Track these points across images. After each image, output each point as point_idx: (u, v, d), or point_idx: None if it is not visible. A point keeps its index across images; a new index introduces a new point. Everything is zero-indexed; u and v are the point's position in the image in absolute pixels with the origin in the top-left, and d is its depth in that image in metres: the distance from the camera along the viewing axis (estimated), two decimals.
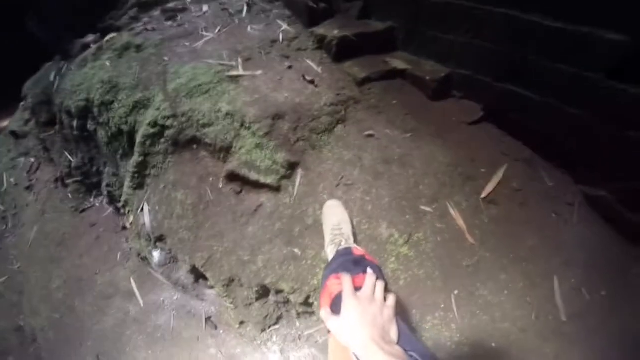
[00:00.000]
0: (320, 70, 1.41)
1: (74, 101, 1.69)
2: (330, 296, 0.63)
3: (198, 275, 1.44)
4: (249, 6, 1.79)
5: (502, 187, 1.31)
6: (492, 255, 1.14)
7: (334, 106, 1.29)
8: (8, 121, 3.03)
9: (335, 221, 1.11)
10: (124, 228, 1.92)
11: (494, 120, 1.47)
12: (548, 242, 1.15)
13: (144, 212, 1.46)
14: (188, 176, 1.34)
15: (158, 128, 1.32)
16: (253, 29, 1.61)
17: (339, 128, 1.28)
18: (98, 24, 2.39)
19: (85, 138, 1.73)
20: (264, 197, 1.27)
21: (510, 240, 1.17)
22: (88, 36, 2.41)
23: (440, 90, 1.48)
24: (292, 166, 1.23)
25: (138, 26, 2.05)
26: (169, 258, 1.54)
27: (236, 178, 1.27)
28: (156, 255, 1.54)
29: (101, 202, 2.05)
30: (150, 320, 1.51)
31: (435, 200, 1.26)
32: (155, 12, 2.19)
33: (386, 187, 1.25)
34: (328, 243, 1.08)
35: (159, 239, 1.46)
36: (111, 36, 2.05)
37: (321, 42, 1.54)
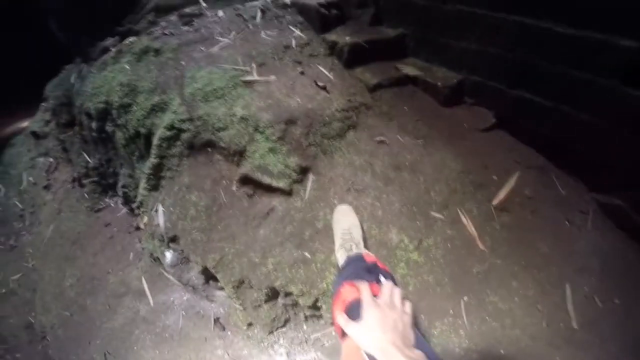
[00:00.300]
0: (331, 76, 1.43)
1: (94, 103, 1.76)
2: (344, 303, 0.63)
3: (209, 276, 1.46)
4: (263, 12, 1.83)
5: (514, 195, 1.30)
6: (503, 262, 1.14)
7: (345, 112, 1.31)
8: (28, 121, 3.15)
9: (345, 226, 1.12)
10: (138, 228, 1.97)
11: (507, 127, 1.47)
12: (561, 250, 1.14)
13: (158, 213, 1.49)
14: (202, 179, 1.37)
15: (174, 131, 1.36)
16: (266, 35, 1.64)
17: (350, 134, 1.30)
18: (117, 28, 2.47)
19: (103, 139, 1.78)
20: (276, 201, 1.29)
21: (521, 247, 1.16)
22: (107, 39, 2.50)
23: (452, 96, 1.48)
24: (304, 171, 1.25)
25: (156, 30, 2.11)
26: (181, 259, 1.57)
27: (249, 181, 1.29)
28: (168, 255, 1.57)
29: (116, 203, 2.11)
30: (159, 320, 1.53)
31: (446, 206, 1.26)
32: (172, 17, 2.25)
33: (397, 193, 1.26)
34: (338, 247, 1.10)
35: (172, 240, 1.49)
36: (130, 40, 2.12)
37: (333, 48, 1.57)
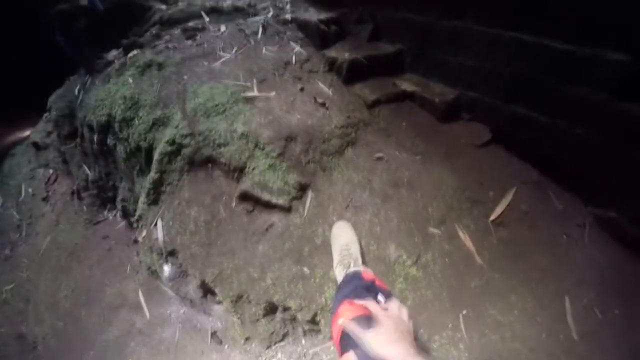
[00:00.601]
0: (331, 92, 1.45)
1: (96, 116, 1.77)
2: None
3: (207, 290, 1.46)
4: (264, 28, 1.87)
5: (511, 210, 1.31)
6: (502, 276, 1.14)
7: (344, 128, 1.33)
8: (30, 131, 3.17)
9: (343, 242, 1.13)
10: (136, 242, 1.96)
11: (503, 142, 1.48)
12: (558, 263, 1.15)
13: (158, 227, 1.50)
14: (202, 194, 1.38)
15: (176, 146, 1.38)
16: (267, 50, 1.67)
17: (349, 150, 1.31)
18: (122, 40, 2.51)
19: (104, 153, 1.80)
20: (275, 217, 1.30)
21: (519, 261, 1.17)
22: (112, 51, 2.54)
23: (448, 112, 1.51)
24: (303, 187, 1.26)
25: (160, 44, 2.14)
26: (179, 272, 1.56)
27: (249, 198, 1.30)
28: (166, 269, 1.57)
29: (115, 216, 2.11)
30: (155, 332, 1.53)
31: (443, 222, 1.27)
32: (176, 31, 2.29)
33: (395, 210, 1.27)
34: (336, 263, 1.10)
35: (171, 254, 1.49)
36: (134, 53, 2.16)
37: (332, 65, 1.60)
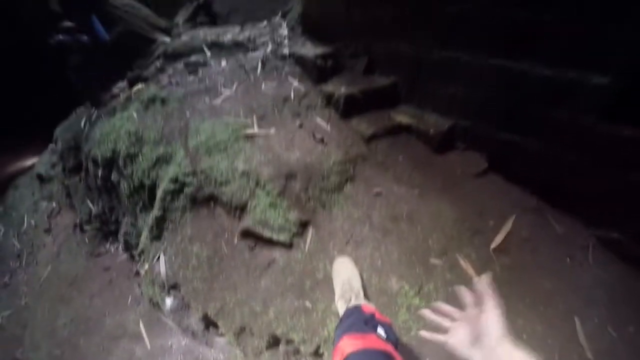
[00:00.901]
0: (329, 127, 1.49)
1: (101, 150, 1.82)
2: (342, 355, 0.65)
3: (209, 322, 1.45)
4: (263, 63, 1.95)
5: (512, 237, 1.31)
6: (507, 301, 1.11)
7: (343, 165, 1.36)
8: (34, 160, 3.23)
9: (345, 277, 1.13)
10: (137, 274, 1.96)
11: (499, 170, 1.50)
12: (565, 285, 1.14)
13: (160, 262, 1.50)
14: (204, 231, 1.40)
15: (178, 184, 1.41)
16: (267, 86, 1.74)
17: (348, 186, 1.34)
18: (128, 72, 2.60)
19: (108, 188, 1.83)
20: (277, 253, 1.31)
21: (524, 286, 1.16)
22: (117, 84, 2.63)
23: (444, 143, 1.53)
24: (304, 224, 1.28)
25: (163, 78, 2.23)
26: (181, 305, 1.56)
27: (250, 235, 1.32)
28: (168, 301, 1.56)
29: (117, 249, 2.11)
30: None
31: (444, 253, 1.27)
32: (179, 65, 2.38)
33: (395, 243, 1.28)
34: (338, 298, 1.10)
35: (173, 287, 1.49)
36: (139, 87, 2.24)
37: (329, 99, 1.65)
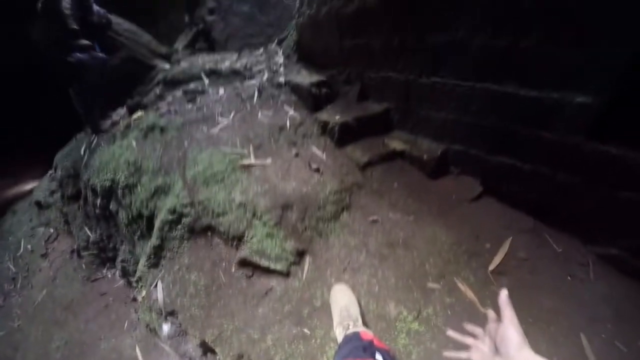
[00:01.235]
0: (324, 156, 1.53)
1: (100, 180, 1.84)
2: None
3: (206, 349, 1.43)
4: (259, 91, 2.01)
5: (510, 259, 1.32)
6: None
7: (338, 194, 1.39)
8: (33, 184, 3.25)
9: (342, 304, 1.13)
10: (134, 299, 1.94)
11: (493, 193, 1.52)
12: (567, 303, 1.14)
13: (158, 289, 1.50)
14: (202, 260, 1.40)
15: (176, 215, 1.43)
16: (263, 115, 1.79)
17: (344, 215, 1.36)
18: (128, 99, 2.67)
19: (106, 216, 1.84)
20: (274, 281, 1.31)
21: (526, 305, 1.15)
22: (117, 110, 2.69)
23: (437, 168, 1.56)
24: (301, 253, 1.29)
25: (162, 106, 2.29)
26: (179, 331, 1.54)
27: (247, 264, 1.33)
28: (166, 327, 1.55)
29: (113, 274, 2.11)
30: None
31: (442, 277, 1.28)
32: (177, 92, 2.45)
33: (392, 269, 1.29)
34: (336, 325, 1.10)
35: (170, 314, 1.48)
36: (138, 115, 2.29)
37: (324, 128, 1.70)
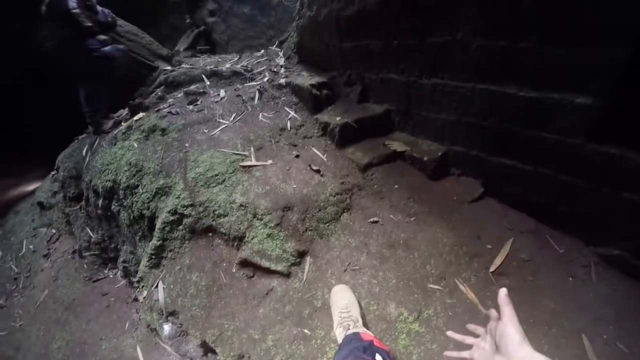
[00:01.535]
0: (325, 157, 1.53)
1: (102, 181, 1.85)
2: None
3: (207, 349, 1.44)
4: (260, 93, 2.02)
5: (511, 260, 1.32)
6: None
7: (339, 195, 1.39)
8: (36, 185, 3.26)
9: (343, 305, 1.14)
10: (136, 300, 1.95)
11: (494, 194, 1.51)
12: (569, 304, 1.13)
13: (159, 289, 1.51)
14: (203, 261, 1.41)
15: (177, 216, 1.43)
16: (264, 117, 1.80)
17: (345, 216, 1.36)
18: (129, 101, 2.68)
19: (107, 217, 1.85)
20: (275, 282, 1.32)
21: (527, 306, 1.15)
22: (119, 112, 2.69)
23: (438, 169, 1.56)
24: (301, 254, 1.29)
25: (164, 107, 2.29)
26: (180, 332, 1.55)
27: (248, 264, 1.33)
28: (167, 328, 1.56)
29: (115, 275, 2.11)
30: None
31: (443, 278, 1.27)
32: (179, 94, 2.46)
33: (393, 270, 1.29)
34: (336, 325, 1.10)
35: (171, 314, 1.49)
36: (140, 116, 2.30)
37: (325, 129, 1.70)
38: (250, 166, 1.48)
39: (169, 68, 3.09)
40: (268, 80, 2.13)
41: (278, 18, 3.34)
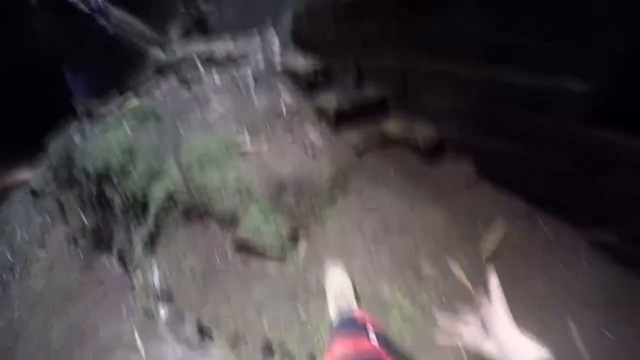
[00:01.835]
0: (321, 141, 1.53)
1: (95, 167, 1.83)
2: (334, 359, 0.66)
3: (204, 333, 1.45)
4: (255, 78, 1.99)
5: (504, 245, 1.33)
6: None
7: (335, 178, 1.39)
8: (28, 174, 3.21)
9: (337, 286, 1.15)
10: (132, 287, 1.95)
11: (489, 178, 1.52)
12: (560, 289, 1.16)
13: (154, 275, 1.51)
14: (198, 245, 1.41)
15: (171, 200, 1.42)
16: (259, 101, 1.78)
17: (340, 199, 1.37)
18: (122, 87, 2.63)
19: (101, 203, 1.84)
20: (270, 265, 1.33)
21: (519, 291, 1.15)
22: (112, 98, 2.65)
23: (434, 153, 1.56)
24: (296, 237, 1.30)
25: (157, 93, 2.26)
26: (176, 316, 1.56)
27: (243, 247, 1.33)
28: (163, 312, 1.58)
29: (111, 262, 2.11)
30: None
31: (437, 262, 1.29)
32: (172, 80, 2.43)
33: (387, 253, 1.30)
34: (331, 307, 1.12)
35: (167, 299, 1.50)
36: (133, 102, 2.27)
37: (321, 113, 1.69)
38: (245, 150, 1.47)
39: (163, 54, 3.04)
40: (263, 65, 2.10)
41: (274, 4, 3.27)
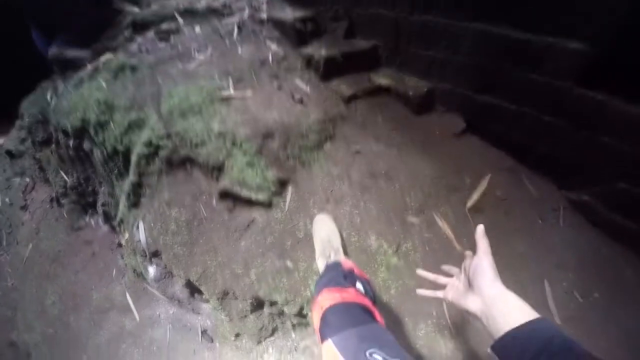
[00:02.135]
0: (308, 89, 1.47)
1: (71, 121, 1.73)
2: (321, 309, 0.66)
3: (193, 289, 1.46)
4: (240, 28, 1.87)
5: (487, 197, 1.36)
6: None
7: (322, 124, 1.35)
8: (3, 140, 3.05)
9: (324, 234, 1.15)
10: (120, 245, 1.93)
11: (477, 132, 1.53)
12: (537, 247, 1.19)
13: (139, 230, 1.49)
14: (182, 194, 1.37)
15: (152, 148, 1.37)
16: (243, 50, 1.67)
17: (327, 145, 1.34)
18: (94, 44, 2.44)
19: (81, 158, 1.76)
20: (256, 213, 1.31)
21: (498, 247, 1.19)
22: (84, 55, 2.46)
23: (423, 104, 1.54)
24: (283, 183, 1.27)
25: (133, 47, 2.11)
26: (164, 273, 1.57)
27: (229, 195, 1.31)
28: (151, 270, 1.57)
29: (96, 221, 2.07)
30: (146, 334, 1.53)
31: (422, 211, 1.31)
32: (149, 33, 2.24)
33: (374, 201, 1.30)
34: (318, 255, 1.13)
35: (154, 255, 1.49)
36: (107, 56, 2.11)
37: (309, 62, 1.61)
38: (228, 97, 1.40)
39: (137, 10, 2.81)
40: (248, 15, 1.96)
41: None
